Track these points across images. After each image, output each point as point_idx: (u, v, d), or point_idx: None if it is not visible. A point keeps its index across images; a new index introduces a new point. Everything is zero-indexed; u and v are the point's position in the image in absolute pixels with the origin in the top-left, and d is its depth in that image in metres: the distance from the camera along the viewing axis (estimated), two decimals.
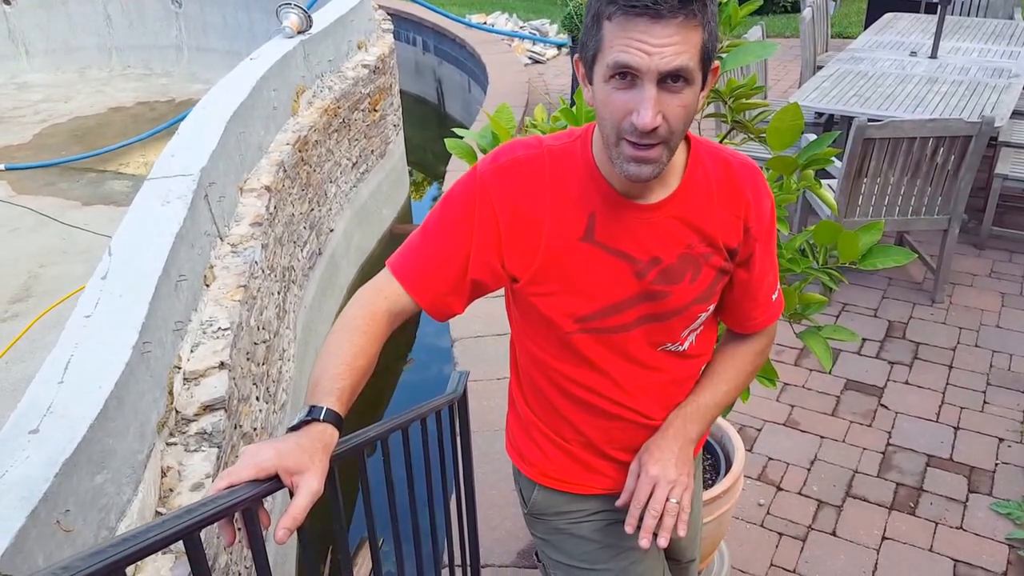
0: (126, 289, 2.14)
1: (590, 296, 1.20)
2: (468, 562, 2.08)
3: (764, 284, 1.31)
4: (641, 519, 1.18)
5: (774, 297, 1.34)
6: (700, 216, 1.20)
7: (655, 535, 1.17)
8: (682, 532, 1.15)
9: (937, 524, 2.63)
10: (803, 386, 3.32)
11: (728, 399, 1.32)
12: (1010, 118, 4.12)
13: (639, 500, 1.17)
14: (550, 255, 1.17)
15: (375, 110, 5.33)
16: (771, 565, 2.50)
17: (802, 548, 2.56)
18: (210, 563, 1.80)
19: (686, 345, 1.28)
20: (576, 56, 1.11)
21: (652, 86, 0.99)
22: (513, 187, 1.16)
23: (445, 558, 1.99)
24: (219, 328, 2.41)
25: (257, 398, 2.63)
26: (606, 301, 1.20)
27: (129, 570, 1.63)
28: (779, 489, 2.79)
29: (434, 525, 1.87)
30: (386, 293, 1.18)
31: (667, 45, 0.97)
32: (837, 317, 3.75)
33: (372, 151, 5.35)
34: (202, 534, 0.94)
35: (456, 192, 1.20)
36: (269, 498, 1.77)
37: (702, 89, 1.06)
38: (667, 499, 1.17)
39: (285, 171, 3.63)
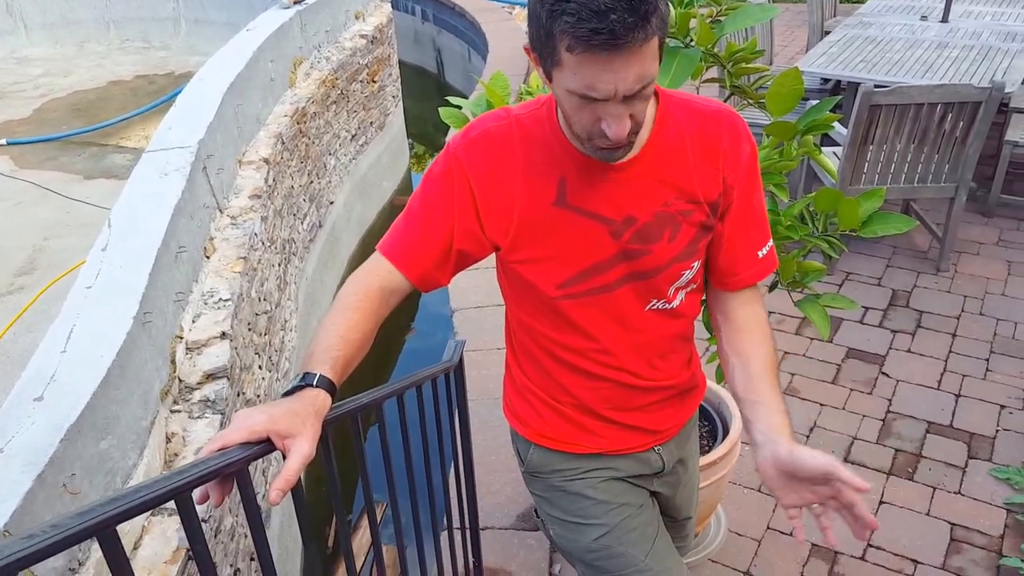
0: (126, 260, 2.15)
1: (568, 260, 1.21)
2: (468, 524, 2.11)
3: (744, 237, 1.27)
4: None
5: (761, 254, 1.28)
6: (674, 171, 1.19)
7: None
8: None
9: (935, 489, 2.65)
10: (804, 355, 3.32)
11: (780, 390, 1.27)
12: (1021, 83, 4.07)
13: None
14: (524, 222, 1.20)
15: (373, 81, 5.29)
16: (767, 528, 2.52)
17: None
18: (216, 525, 1.84)
19: (676, 302, 1.28)
20: (526, 45, 1.09)
21: (619, 104, 1.01)
22: (484, 158, 1.19)
23: (445, 521, 2.01)
24: (220, 299, 2.42)
25: (260, 367, 2.66)
26: (584, 263, 1.21)
27: (135, 530, 1.67)
28: None
29: (432, 490, 1.88)
30: (377, 272, 1.21)
31: (629, 69, 0.97)
32: (840, 286, 3.74)
33: (371, 123, 5.33)
34: (196, 495, 0.96)
35: (434, 171, 1.24)
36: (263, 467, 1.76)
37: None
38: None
39: (283, 143, 3.63)
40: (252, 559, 2.14)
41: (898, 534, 2.49)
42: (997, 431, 2.88)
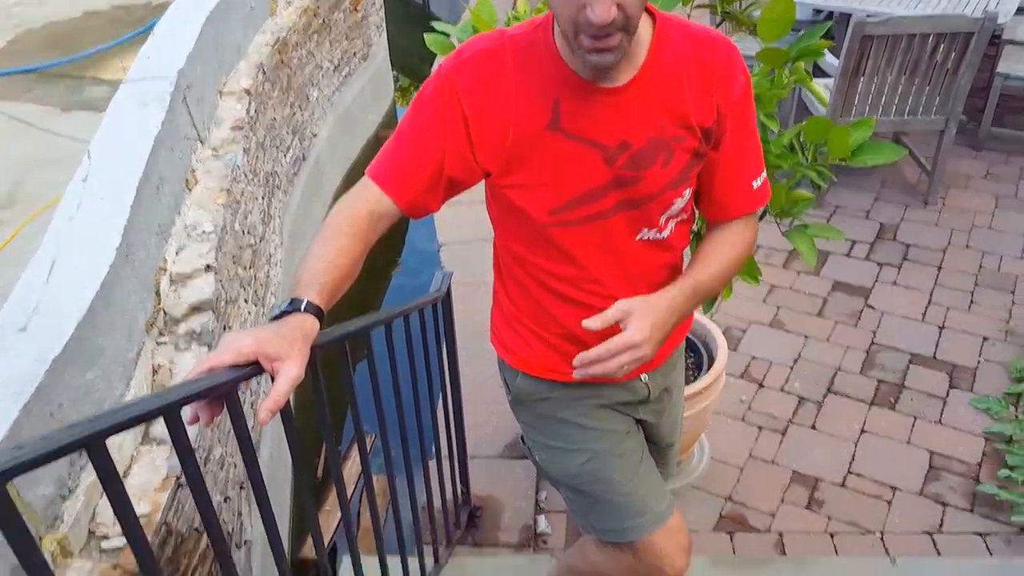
0: (107, 192, 2.11)
1: (561, 186, 1.20)
2: (456, 454, 2.14)
3: (739, 168, 1.27)
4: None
5: (756, 184, 1.29)
6: (669, 95, 1.17)
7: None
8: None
9: (916, 419, 2.70)
10: (790, 288, 3.34)
11: (718, 284, 1.30)
12: (1015, 15, 3.99)
13: (600, 355, 1.11)
14: (517, 145, 1.17)
15: (356, 10, 5.15)
16: (750, 456, 2.58)
17: (781, 441, 2.63)
18: (204, 454, 1.85)
19: (667, 232, 1.28)
20: None
21: None
22: (476, 80, 1.16)
23: (433, 451, 2.04)
24: (203, 231, 2.39)
25: (245, 300, 2.65)
26: (578, 190, 1.20)
27: (124, 459, 1.68)
28: (761, 386, 2.85)
29: (420, 421, 1.89)
30: (366, 196, 1.19)
31: None
32: (829, 219, 3.74)
33: (354, 53, 5.20)
34: (186, 416, 0.96)
35: (424, 93, 1.20)
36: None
37: None
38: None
39: (264, 74, 3.54)
40: (241, 487, 2.17)
41: (878, 462, 2.54)
42: (979, 362, 2.92)
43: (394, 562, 1.73)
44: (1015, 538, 2.27)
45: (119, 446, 1.65)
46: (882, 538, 2.30)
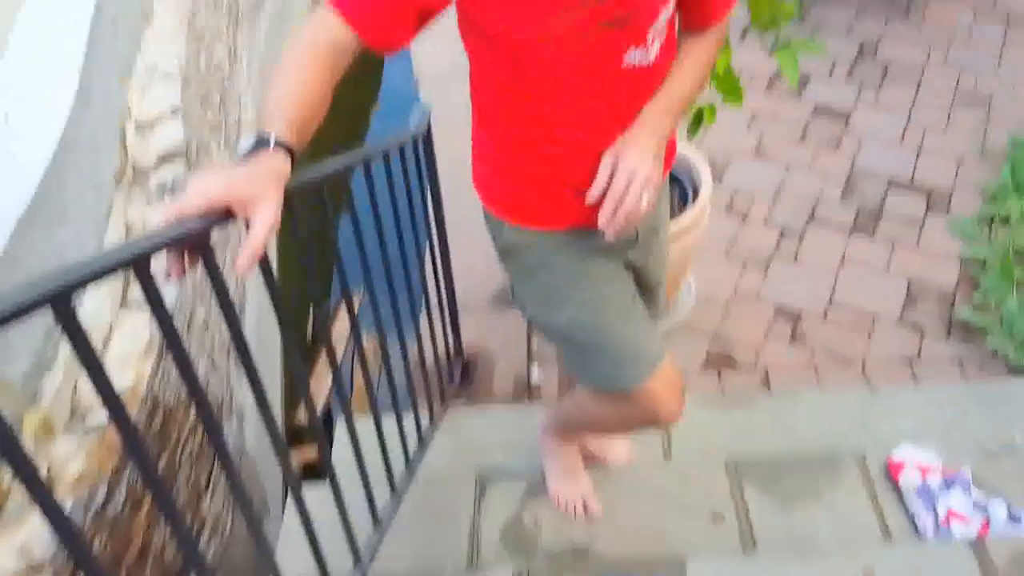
0: (59, 31, 1.92)
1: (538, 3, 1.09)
2: (447, 307, 2.09)
3: None
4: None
5: None
6: None
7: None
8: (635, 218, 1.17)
9: (894, 245, 2.73)
10: (773, 114, 3.28)
11: (693, 93, 1.29)
12: None
13: (616, 193, 1.15)
14: None
15: None
16: (734, 293, 2.60)
17: (765, 276, 2.65)
18: (187, 318, 1.82)
19: (652, 53, 1.19)
20: None
21: None
22: None
23: (423, 303, 1.99)
24: (166, 72, 2.23)
25: (218, 145, 2.52)
26: (556, 8, 1.09)
27: (103, 326, 1.63)
28: (744, 220, 2.85)
29: (408, 275, 1.83)
30: (325, 26, 1.06)
31: None
32: (811, 36, 3.64)
33: None
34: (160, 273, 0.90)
35: None
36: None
37: None
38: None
39: None
40: (230, 353, 2.14)
41: (858, 291, 2.58)
42: (954, 184, 2.93)
43: (389, 422, 1.69)
44: (988, 361, 2.35)
45: (97, 311, 1.60)
46: (863, 368, 2.37)
